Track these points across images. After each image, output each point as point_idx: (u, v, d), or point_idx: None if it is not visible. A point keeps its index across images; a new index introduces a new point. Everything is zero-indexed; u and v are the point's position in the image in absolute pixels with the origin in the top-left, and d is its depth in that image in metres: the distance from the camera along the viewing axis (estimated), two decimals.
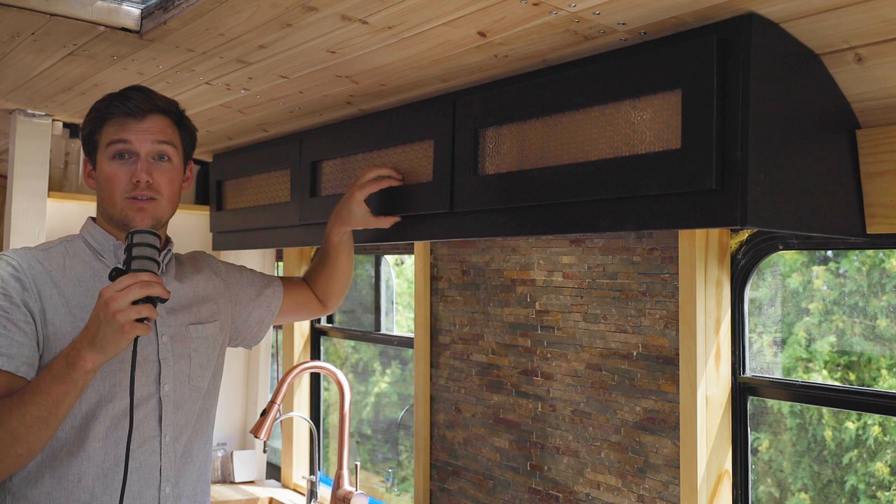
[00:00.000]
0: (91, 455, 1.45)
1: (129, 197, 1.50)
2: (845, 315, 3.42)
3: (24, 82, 2.25)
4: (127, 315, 1.26)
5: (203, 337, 1.64)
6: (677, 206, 1.36)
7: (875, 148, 1.44)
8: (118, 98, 1.53)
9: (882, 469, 3.33)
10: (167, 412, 1.53)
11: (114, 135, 1.51)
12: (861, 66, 1.34)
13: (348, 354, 5.54)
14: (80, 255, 1.54)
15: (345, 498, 2.52)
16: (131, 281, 1.28)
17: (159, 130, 1.54)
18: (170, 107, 1.58)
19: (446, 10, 1.43)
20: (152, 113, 1.54)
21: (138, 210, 1.50)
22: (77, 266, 1.51)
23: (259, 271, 1.94)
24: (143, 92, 1.55)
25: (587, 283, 1.99)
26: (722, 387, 1.77)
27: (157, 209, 1.52)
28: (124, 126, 1.51)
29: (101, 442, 1.45)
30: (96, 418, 1.45)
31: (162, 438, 1.52)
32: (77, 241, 1.56)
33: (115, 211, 1.51)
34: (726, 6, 1.29)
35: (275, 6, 1.49)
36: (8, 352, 1.38)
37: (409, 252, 2.60)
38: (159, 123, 1.55)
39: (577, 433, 2.01)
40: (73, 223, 2.91)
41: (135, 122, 1.52)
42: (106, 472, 1.45)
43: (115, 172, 1.50)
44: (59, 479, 1.44)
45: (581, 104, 1.51)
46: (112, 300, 1.26)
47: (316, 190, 2.27)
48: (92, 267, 1.52)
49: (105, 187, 1.52)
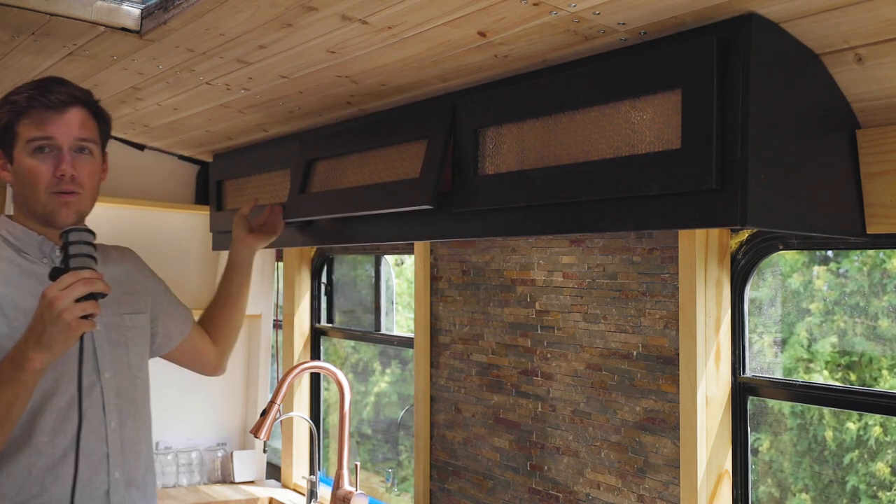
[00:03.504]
0: (40, 448, 1.46)
1: (53, 192, 1.48)
2: (846, 315, 3.42)
3: (25, 82, 2.25)
4: (72, 313, 1.28)
5: (137, 326, 1.67)
6: (677, 206, 1.36)
7: (875, 148, 1.44)
8: (38, 90, 1.50)
9: (883, 469, 3.33)
10: (109, 399, 1.55)
11: (35, 129, 1.48)
12: (861, 66, 1.34)
13: (348, 354, 5.54)
14: (3, 254, 1.52)
15: (345, 498, 2.52)
16: (73, 279, 1.29)
17: (80, 124, 1.52)
18: (88, 98, 1.56)
19: (446, 10, 1.43)
20: (73, 105, 1.52)
21: (63, 204, 1.49)
22: (2, 266, 1.50)
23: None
24: (63, 84, 1.53)
25: (587, 283, 1.99)
26: (722, 387, 1.77)
27: (80, 203, 1.52)
28: (46, 120, 1.49)
29: (48, 436, 1.46)
30: (42, 413, 1.46)
31: (108, 425, 1.54)
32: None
33: (39, 206, 1.49)
34: (726, 6, 1.29)
35: (275, 6, 1.49)
36: None
37: (409, 252, 2.60)
38: (80, 116, 1.53)
39: (577, 433, 2.01)
40: None
41: (56, 115, 1.49)
42: (55, 463, 1.46)
43: (37, 167, 1.48)
44: (9, 473, 1.45)
45: (581, 104, 1.51)
46: (56, 299, 1.27)
47: (306, 187, 2.26)
48: (18, 265, 1.51)
49: (28, 182, 1.49)
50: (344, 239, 2.20)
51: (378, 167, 2.00)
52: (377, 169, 2.01)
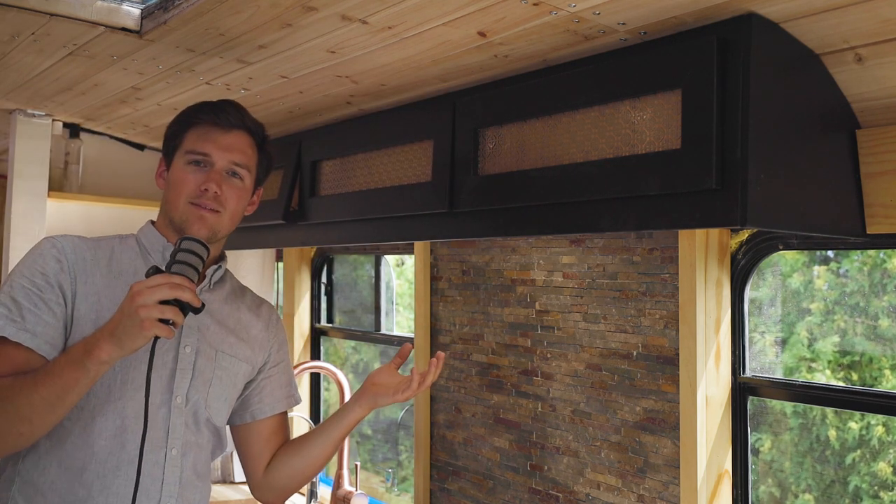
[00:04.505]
0: (95, 451, 1.43)
1: (192, 202, 1.49)
2: (847, 315, 3.42)
3: (24, 82, 2.26)
4: (149, 312, 1.24)
5: (230, 371, 1.57)
6: (677, 206, 1.36)
7: (875, 148, 1.44)
8: (212, 107, 1.53)
9: (885, 469, 3.32)
10: (176, 425, 1.49)
11: (196, 143, 1.51)
12: (861, 66, 1.34)
13: (348, 354, 5.53)
14: (129, 251, 1.54)
15: (345, 498, 2.52)
16: (163, 280, 1.26)
17: (240, 149, 1.53)
18: (257, 128, 1.58)
19: (446, 10, 1.43)
20: (238, 129, 1.54)
21: (198, 217, 1.49)
22: (122, 260, 1.52)
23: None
24: (236, 108, 1.56)
25: (587, 283, 1.99)
26: (722, 387, 1.77)
27: (217, 221, 1.51)
28: (207, 135, 1.51)
29: (106, 441, 1.43)
30: (104, 414, 1.43)
31: (167, 451, 1.48)
32: (130, 239, 1.57)
33: (177, 214, 1.51)
34: (726, 6, 1.29)
35: (275, 6, 1.49)
36: (33, 329, 1.39)
37: (409, 252, 2.60)
38: (242, 141, 1.54)
39: (577, 433, 2.01)
40: (73, 223, 2.93)
41: (219, 133, 1.52)
42: (107, 472, 1.43)
43: (187, 177, 1.50)
44: (66, 469, 1.42)
45: (581, 104, 1.51)
46: (139, 294, 1.25)
47: (315, 190, 2.27)
48: (135, 264, 1.52)
49: (173, 189, 1.52)
50: (344, 239, 2.20)
51: (386, 168, 2.00)
52: (385, 170, 2.01)
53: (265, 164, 1.61)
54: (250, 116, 1.57)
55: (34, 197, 2.72)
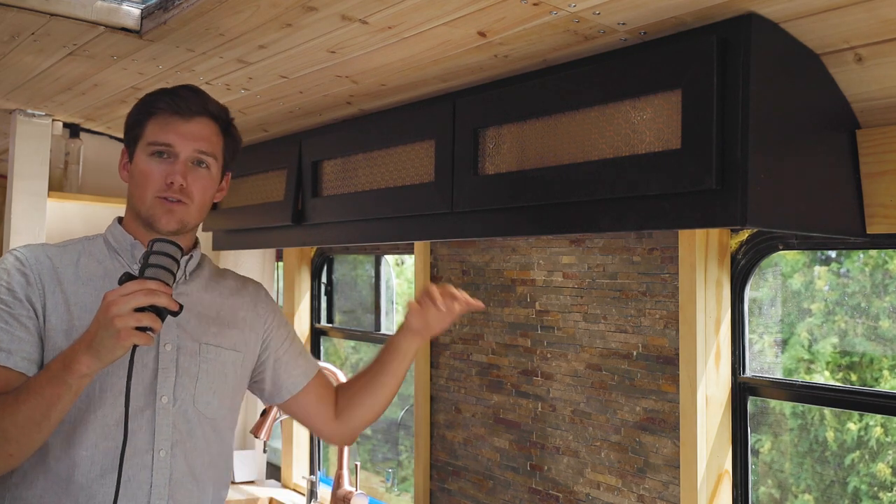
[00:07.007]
0: (78, 462, 1.40)
1: (159, 196, 1.46)
2: (847, 315, 3.42)
3: (24, 82, 2.26)
4: (125, 321, 1.21)
5: (219, 362, 1.54)
6: (677, 206, 1.36)
7: (875, 148, 1.44)
8: (169, 93, 1.48)
9: (884, 470, 3.32)
10: (162, 426, 1.45)
11: (158, 133, 1.46)
12: (861, 66, 1.34)
13: (348, 354, 5.53)
14: (97, 254, 1.50)
15: (345, 498, 2.52)
16: (136, 287, 1.23)
17: (204, 137, 1.48)
18: (219, 112, 1.53)
19: (446, 10, 1.43)
20: (201, 115, 1.49)
21: (167, 211, 1.46)
22: (90, 265, 1.48)
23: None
24: (196, 92, 1.51)
25: (587, 283, 1.99)
26: (722, 387, 1.77)
27: (185, 213, 1.47)
28: (168, 125, 1.47)
29: (88, 451, 1.40)
30: (85, 424, 1.40)
31: (155, 454, 1.45)
32: (97, 240, 1.53)
33: (144, 208, 1.47)
34: (726, 6, 1.29)
35: (275, 6, 1.49)
36: (8, 347, 1.36)
37: (409, 252, 2.60)
38: (206, 128, 1.49)
39: (577, 433, 2.00)
40: (73, 223, 2.93)
41: (181, 122, 1.47)
42: (91, 482, 1.40)
43: (151, 170, 1.46)
44: (52, 481, 1.40)
45: (581, 104, 1.51)
46: (113, 304, 1.22)
47: (317, 190, 2.27)
48: (105, 267, 1.49)
49: (138, 183, 1.47)
50: (345, 239, 2.20)
51: (388, 168, 2.00)
52: (388, 171, 2.00)
53: (232, 149, 1.58)
54: (213, 101, 1.52)
55: (34, 197, 2.72)
